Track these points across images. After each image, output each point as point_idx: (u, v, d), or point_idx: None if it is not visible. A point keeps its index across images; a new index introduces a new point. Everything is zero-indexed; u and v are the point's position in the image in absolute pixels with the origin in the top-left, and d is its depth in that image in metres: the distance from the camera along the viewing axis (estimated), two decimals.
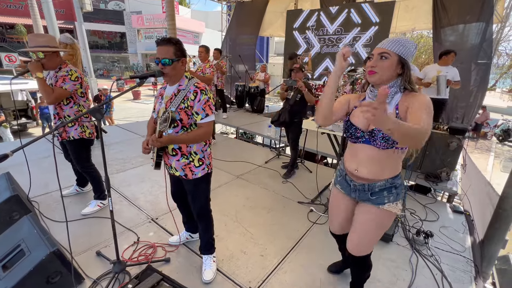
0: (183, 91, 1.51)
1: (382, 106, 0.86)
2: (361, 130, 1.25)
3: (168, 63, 1.43)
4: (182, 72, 1.55)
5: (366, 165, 1.26)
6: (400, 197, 1.30)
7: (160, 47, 1.44)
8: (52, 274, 1.51)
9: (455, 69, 4.04)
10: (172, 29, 6.38)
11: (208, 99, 1.52)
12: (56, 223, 2.21)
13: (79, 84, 2.11)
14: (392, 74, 1.17)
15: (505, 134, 12.09)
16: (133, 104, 14.74)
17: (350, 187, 1.37)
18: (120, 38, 27.59)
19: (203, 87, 1.53)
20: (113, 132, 5.00)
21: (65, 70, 2.06)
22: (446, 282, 1.87)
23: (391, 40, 1.16)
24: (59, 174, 1.42)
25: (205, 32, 25.99)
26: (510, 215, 2.34)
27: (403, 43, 1.14)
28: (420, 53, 12.80)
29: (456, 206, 2.91)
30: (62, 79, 2.01)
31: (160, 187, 2.95)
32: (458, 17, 4.71)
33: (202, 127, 1.55)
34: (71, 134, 2.19)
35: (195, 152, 1.62)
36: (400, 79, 1.17)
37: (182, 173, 1.65)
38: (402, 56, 1.14)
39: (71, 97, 2.13)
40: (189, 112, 1.51)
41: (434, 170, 3.23)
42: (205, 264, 1.82)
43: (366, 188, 1.30)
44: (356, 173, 1.30)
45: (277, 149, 4.51)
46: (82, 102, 2.21)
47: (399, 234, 2.35)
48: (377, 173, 1.26)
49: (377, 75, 1.17)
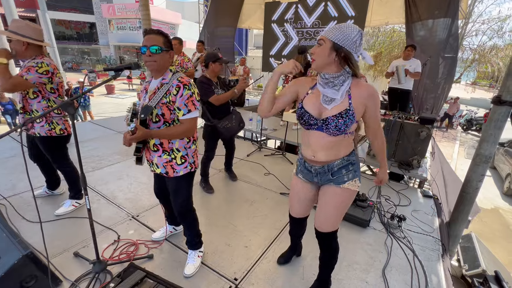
0: (166, 85, 1.47)
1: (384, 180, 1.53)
2: (314, 117, 1.29)
3: (157, 51, 1.39)
4: (168, 65, 1.50)
5: (321, 150, 1.33)
6: (358, 175, 1.40)
7: (149, 35, 1.41)
8: (26, 278, 1.43)
9: (417, 61, 4.53)
10: (147, 20, 6.09)
11: (192, 94, 1.48)
12: (27, 227, 2.09)
13: (47, 78, 1.95)
14: (328, 60, 1.18)
15: (468, 123, 13.07)
16: (106, 99, 14.04)
17: (312, 172, 1.42)
18: (89, 29, 25.96)
19: (187, 81, 1.48)
20: (87, 128, 4.75)
21: (36, 61, 1.91)
22: (417, 260, 2.02)
23: (328, 27, 1.20)
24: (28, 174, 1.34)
25: (182, 24, 25.13)
26: (473, 198, 2.56)
27: (341, 29, 1.15)
28: (393, 47, 13.30)
29: (426, 191, 3.13)
30: (27, 69, 1.87)
31: (139, 184, 2.87)
32: (427, 12, 4.95)
33: (183, 123, 1.51)
34: (37, 130, 2.05)
35: (177, 149, 1.58)
36: (347, 68, 1.20)
37: (163, 171, 1.61)
38: (336, 42, 1.15)
39: (38, 91, 1.98)
40: (171, 107, 1.47)
41: (406, 158, 3.42)
42: (189, 259, 1.82)
43: (326, 169, 1.37)
44: (313, 159, 1.36)
45: (259, 142, 4.54)
46: (52, 97, 2.06)
47: (375, 219, 2.49)
48: (333, 155, 1.34)
49: (315, 61, 1.22)
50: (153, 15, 6.91)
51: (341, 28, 1.16)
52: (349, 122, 1.22)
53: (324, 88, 1.26)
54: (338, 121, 1.22)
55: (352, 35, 1.15)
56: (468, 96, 18.91)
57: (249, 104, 7.99)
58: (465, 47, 12.79)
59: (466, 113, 13.59)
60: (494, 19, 12.84)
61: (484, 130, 2.43)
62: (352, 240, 2.21)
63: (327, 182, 1.41)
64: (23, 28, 1.88)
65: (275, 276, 1.80)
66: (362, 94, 1.23)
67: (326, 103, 1.26)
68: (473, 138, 12.09)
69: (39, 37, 1.96)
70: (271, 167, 3.53)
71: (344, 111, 1.22)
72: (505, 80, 2.28)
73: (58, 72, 2.04)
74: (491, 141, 2.38)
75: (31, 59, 1.94)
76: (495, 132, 2.35)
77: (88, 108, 8.80)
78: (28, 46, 1.91)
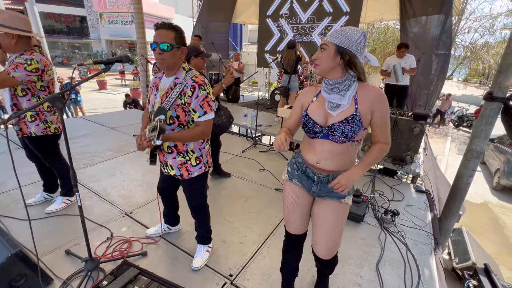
0: (180, 84, 1.39)
1: (344, 186, 1.17)
2: (319, 125, 1.22)
3: (168, 48, 1.30)
4: (181, 63, 1.42)
5: (327, 158, 1.24)
6: (352, 190, 1.34)
7: (160, 30, 1.31)
8: (15, 277, 1.39)
9: (412, 57, 4.53)
10: (139, 14, 5.98)
11: (207, 95, 1.41)
12: (17, 225, 2.04)
13: (37, 76, 1.84)
14: (332, 64, 1.15)
15: (460, 120, 13.30)
16: (98, 95, 13.80)
17: (313, 180, 1.29)
18: (80, 23, 25.35)
19: (202, 81, 1.40)
20: (78, 124, 4.65)
21: (25, 57, 1.79)
22: (410, 254, 2.05)
23: (331, 31, 1.17)
24: (17, 172, 1.29)
25: (176, 18, 24.74)
26: (463, 192, 2.61)
27: (343, 32, 1.13)
28: (387, 43, 13.38)
29: (419, 186, 3.17)
30: (15, 66, 1.76)
31: (132, 181, 2.83)
32: (421, 9, 4.98)
33: (199, 125, 1.46)
34: (32, 130, 1.97)
35: (192, 150, 1.55)
36: (352, 72, 1.16)
37: (177, 173, 1.58)
38: (340, 45, 1.12)
39: (28, 88, 1.88)
40: (186, 109, 1.41)
41: (400, 154, 3.46)
42: (198, 252, 1.83)
43: (331, 180, 1.26)
44: (318, 166, 1.26)
45: (254, 138, 4.52)
46: (42, 95, 1.96)
47: (369, 214, 2.52)
48: (339, 165, 1.25)
49: (319, 67, 1.18)
50: (145, 9, 6.77)
51: (343, 31, 1.13)
52: (356, 129, 1.16)
53: (329, 94, 1.20)
54: (345, 127, 1.17)
55: (355, 37, 1.11)
56: (459, 92, 19.23)
57: (244, 100, 7.95)
58: (458, 45, 12.96)
59: (458, 110, 13.83)
60: (486, 16, 13.03)
61: (476, 126, 2.47)
62: (346, 235, 2.22)
63: (326, 195, 1.30)
64: (10, 19, 1.75)
65: (270, 271, 1.80)
66: (368, 98, 1.17)
67: (332, 109, 1.20)
68: (464, 134, 12.32)
69: (29, 28, 1.84)
70: (266, 163, 3.53)
71: (350, 116, 1.17)
72: (496, 77, 2.31)
73: (50, 69, 1.93)
74: (482, 136, 2.42)
75: (19, 54, 1.83)
76: (486, 128, 2.39)
77: (79, 104, 8.64)
78: (18, 39, 1.78)
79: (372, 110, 1.18)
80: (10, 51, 1.83)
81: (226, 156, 3.66)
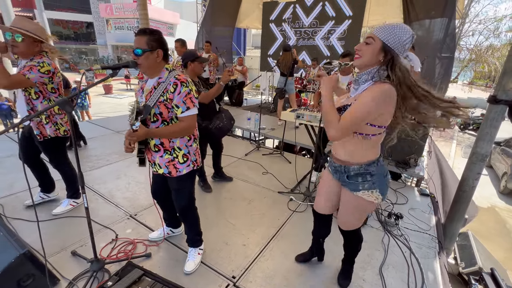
0: (163, 83, 1.46)
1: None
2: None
3: (140, 53, 1.38)
4: (158, 64, 1.47)
5: (338, 147, 1.37)
6: (376, 186, 1.31)
7: (136, 37, 1.40)
8: (23, 277, 1.43)
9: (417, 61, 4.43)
10: (145, 20, 6.09)
11: (190, 92, 1.46)
12: (25, 226, 2.08)
13: (49, 78, 1.95)
14: (374, 60, 1.14)
15: (465, 123, 13.14)
16: (104, 99, 13.98)
17: (333, 168, 1.46)
18: (87, 29, 25.84)
19: (184, 79, 1.46)
20: (85, 128, 4.73)
21: (37, 60, 1.91)
22: (414, 258, 2.03)
23: (381, 26, 1.14)
24: (27, 173, 1.34)
25: (180, 24, 25.09)
26: (469, 196, 2.59)
27: (392, 30, 1.09)
28: None
29: (423, 190, 3.14)
30: (29, 68, 1.86)
31: (137, 183, 2.87)
32: (424, 12, 4.99)
33: (182, 121, 1.50)
34: (48, 132, 2.06)
35: (178, 147, 1.58)
36: (376, 68, 1.15)
37: (166, 171, 1.61)
38: (386, 43, 1.10)
39: (40, 91, 1.97)
40: (169, 105, 1.46)
41: (403, 157, 3.44)
42: (189, 256, 1.82)
43: (343, 170, 1.38)
44: (335, 155, 1.41)
45: (257, 142, 4.54)
46: (53, 97, 2.06)
47: (372, 217, 2.50)
48: (349, 156, 1.33)
49: (360, 59, 1.17)
50: (151, 14, 6.90)
51: (393, 29, 1.09)
52: None
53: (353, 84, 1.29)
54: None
55: (404, 37, 1.08)
56: (465, 95, 19.02)
57: (247, 104, 8.00)
58: (462, 47, 12.89)
59: None
60: (491, 19, 12.96)
61: (481, 129, 2.45)
62: None
63: (343, 184, 1.43)
64: (38, 30, 1.90)
65: (272, 274, 1.81)
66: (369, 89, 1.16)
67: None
68: (470, 138, 12.17)
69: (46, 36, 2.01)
70: (269, 166, 3.54)
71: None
72: (500, 79, 2.30)
73: (59, 71, 2.05)
74: (487, 139, 2.40)
75: (30, 59, 1.94)
76: (491, 131, 2.37)
77: (85, 108, 8.77)
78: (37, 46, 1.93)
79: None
80: (25, 56, 1.94)
81: (230, 159, 3.68)
